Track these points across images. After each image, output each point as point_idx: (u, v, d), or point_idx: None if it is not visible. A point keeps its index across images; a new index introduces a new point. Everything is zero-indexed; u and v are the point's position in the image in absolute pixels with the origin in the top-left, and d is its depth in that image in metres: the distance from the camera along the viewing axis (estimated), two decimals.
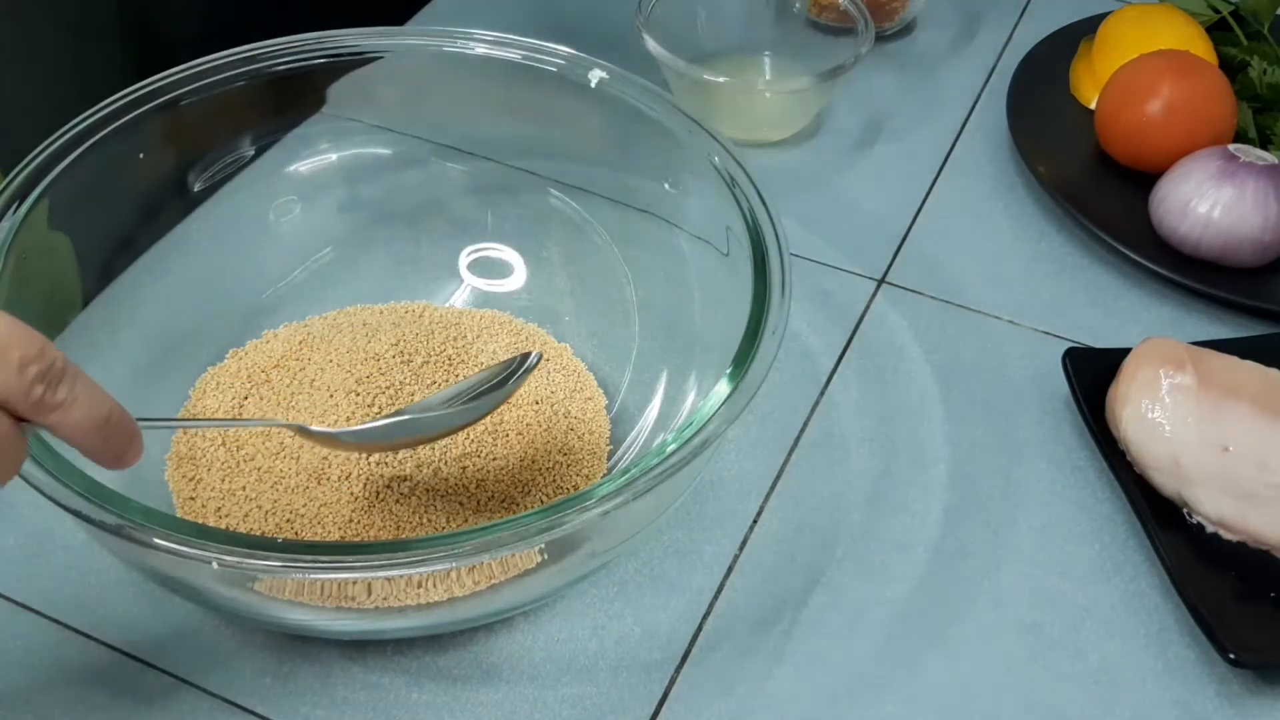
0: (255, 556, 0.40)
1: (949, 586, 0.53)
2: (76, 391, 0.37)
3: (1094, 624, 0.52)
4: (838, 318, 0.65)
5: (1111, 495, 0.56)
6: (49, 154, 0.52)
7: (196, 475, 0.53)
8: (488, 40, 0.61)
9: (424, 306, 0.61)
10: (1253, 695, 0.49)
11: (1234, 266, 0.66)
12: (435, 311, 0.61)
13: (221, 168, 0.62)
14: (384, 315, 0.61)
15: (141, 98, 0.55)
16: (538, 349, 0.58)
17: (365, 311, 0.61)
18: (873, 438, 0.59)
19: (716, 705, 0.48)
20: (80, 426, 0.38)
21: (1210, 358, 0.56)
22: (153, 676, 0.48)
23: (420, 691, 0.48)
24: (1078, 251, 0.69)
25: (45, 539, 0.52)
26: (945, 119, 0.79)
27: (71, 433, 0.38)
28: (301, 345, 0.58)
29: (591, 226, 0.64)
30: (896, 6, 0.85)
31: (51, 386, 0.36)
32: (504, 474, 0.53)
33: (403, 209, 0.66)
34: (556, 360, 0.59)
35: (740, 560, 0.53)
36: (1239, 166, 0.65)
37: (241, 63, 0.58)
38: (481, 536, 0.41)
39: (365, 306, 0.61)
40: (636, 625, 0.51)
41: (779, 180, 0.73)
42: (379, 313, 0.61)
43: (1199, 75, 0.70)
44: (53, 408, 0.37)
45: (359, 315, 0.61)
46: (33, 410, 0.36)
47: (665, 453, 0.43)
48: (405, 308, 0.61)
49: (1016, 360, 0.63)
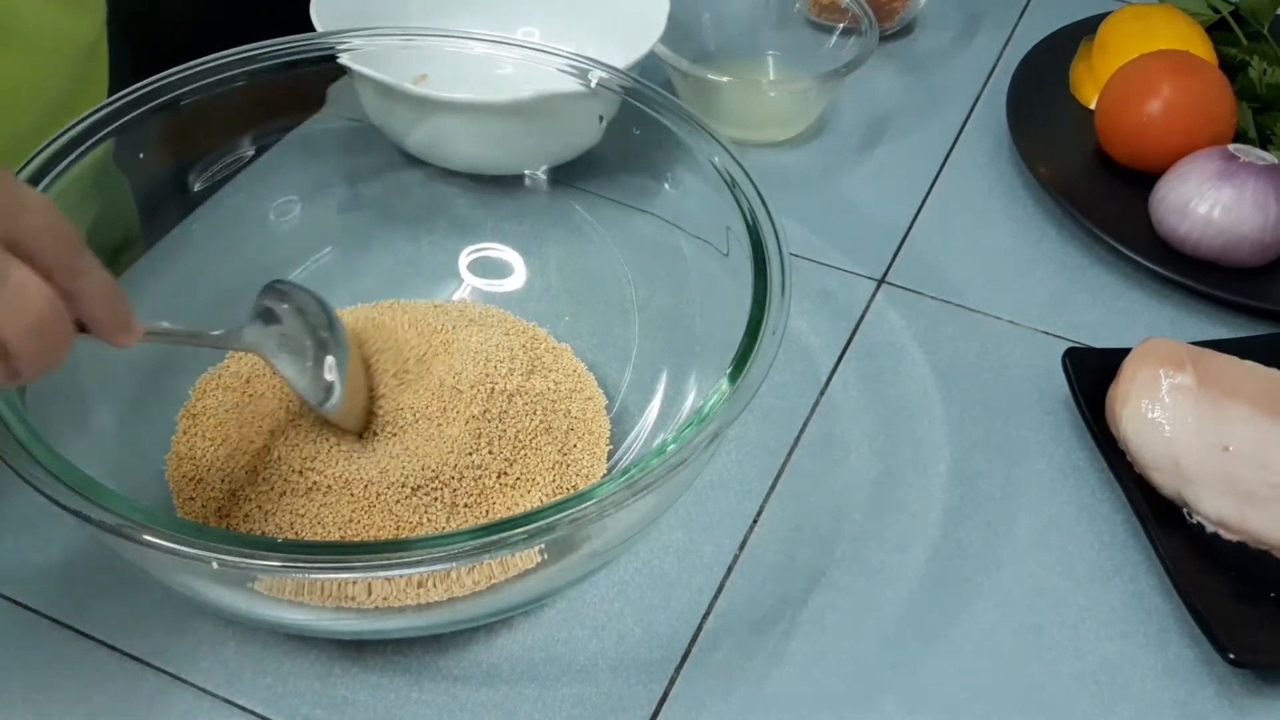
0: (255, 556, 0.40)
1: (949, 586, 0.53)
2: (90, 260, 0.39)
3: (1094, 624, 0.52)
4: (838, 318, 0.65)
5: (1111, 495, 0.56)
6: (49, 154, 0.52)
7: (197, 475, 0.53)
8: (488, 40, 0.62)
9: (427, 305, 0.61)
10: (1253, 695, 0.49)
11: (1234, 266, 0.66)
12: (432, 308, 0.61)
13: (221, 168, 0.62)
14: (382, 312, 0.60)
15: (141, 98, 0.55)
16: (539, 348, 0.58)
17: (365, 309, 0.61)
18: (873, 438, 0.59)
19: (716, 705, 0.48)
20: (97, 295, 0.39)
21: (1210, 358, 0.56)
22: (153, 676, 0.48)
23: (420, 691, 0.48)
24: (1078, 251, 0.70)
25: (45, 539, 0.52)
26: (945, 119, 0.79)
27: (90, 301, 0.39)
28: None
29: (591, 226, 0.64)
30: (896, 6, 0.85)
31: (76, 253, 0.38)
32: (504, 474, 0.53)
33: (403, 209, 0.67)
34: (556, 360, 0.59)
35: (740, 560, 0.53)
36: (1239, 166, 0.65)
37: (241, 63, 0.58)
38: (481, 537, 0.41)
39: (365, 305, 0.61)
40: (636, 625, 0.51)
41: (779, 180, 0.73)
42: (379, 310, 0.61)
43: (1199, 75, 0.70)
44: (78, 274, 0.38)
45: (359, 313, 0.61)
46: (67, 277, 0.38)
47: (665, 453, 0.43)
48: (403, 305, 0.61)
49: (1016, 360, 0.63)
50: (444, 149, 0.66)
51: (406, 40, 0.62)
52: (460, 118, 0.63)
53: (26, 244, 0.36)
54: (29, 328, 0.36)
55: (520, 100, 0.61)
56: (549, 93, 0.60)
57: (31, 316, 0.36)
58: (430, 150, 0.66)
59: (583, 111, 0.63)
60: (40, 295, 0.36)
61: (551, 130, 0.65)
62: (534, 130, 0.64)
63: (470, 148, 0.65)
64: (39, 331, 0.36)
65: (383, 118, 0.65)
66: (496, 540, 0.41)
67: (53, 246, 0.37)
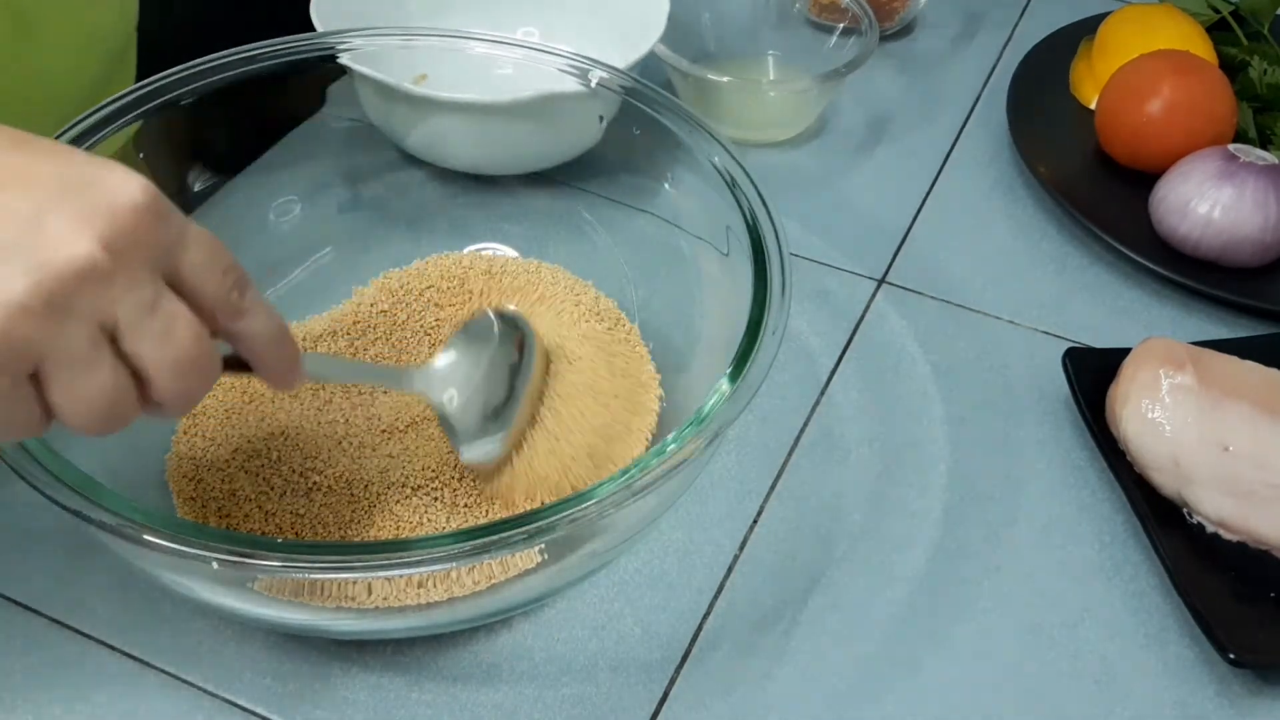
0: (255, 556, 0.40)
1: (949, 586, 0.53)
2: (257, 300, 0.38)
3: (1094, 624, 0.52)
4: (838, 318, 0.65)
5: (1111, 495, 0.56)
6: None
7: (197, 475, 0.52)
8: (488, 40, 0.62)
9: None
10: (1253, 695, 0.49)
11: (1234, 266, 0.66)
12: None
13: (221, 168, 0.62)
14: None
15: (141, 98, 0.55)
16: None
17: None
18: (873, 438, 0.59)
19: (716, 705, 0.48)
20: (262, 335, 0.39)
21: (1210, 358, 0.56)
22: (152, 676, 0.48)
23: (420, 691, 0.48)
24: (1078, 251, 0.70)
25: (45, 539, 0.52)
26: (945, 119, 0.79)
27: (254, 341, 0.39)
28: (304, 341, 0.58)
29: (591, 226, 0.64)
30: (896, 6, 0.85)
31: (241, 292, 0.37)
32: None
33: (403, 209, 0.67)
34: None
35: (740, 560, 0.53)
36: (1239, 166, 0.65)
37: (241, 63, 0.58)
38: (481, 537, 0.41)
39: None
40: (636, 625, 0.51)
41: (779, 180, 0.73)
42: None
43: (1199, 75, 0.70)
44: (242, 313, 0.38)
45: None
46: (229, 315, 0.37)
47: (665, 453, 0.43)
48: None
49: (1016, 360, 0.63)
50: (444, 149, 0.66)
51: (406, 40, 0.62)
52: (460, 118, 0.63)
53: (188, 279, 0.36)
54: (172, 361, 0.35)
55: (520, 100, 0.61)
56: (549, 93, 0.60)
57: (176, 350, 0.35)
58: (430, 150, 0.66)
59: (583, 111, 0.63)
60: (188, 331, 0.36)
61: (551, 130, 0.65)
62: (534, 130, 0.64)
63: (470, 148, 0.65)
64: (181, 366, 0.36)
65: (383, 118, 0.65)
66: (496, 540, 0.41)
67: (215, 282, 0.36)
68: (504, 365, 0.51)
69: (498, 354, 0.51)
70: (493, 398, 0.50)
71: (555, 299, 0.60)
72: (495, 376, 0.51)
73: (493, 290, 0.61)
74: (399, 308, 0.60)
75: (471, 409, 0.50)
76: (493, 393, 0.50)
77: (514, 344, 0.52)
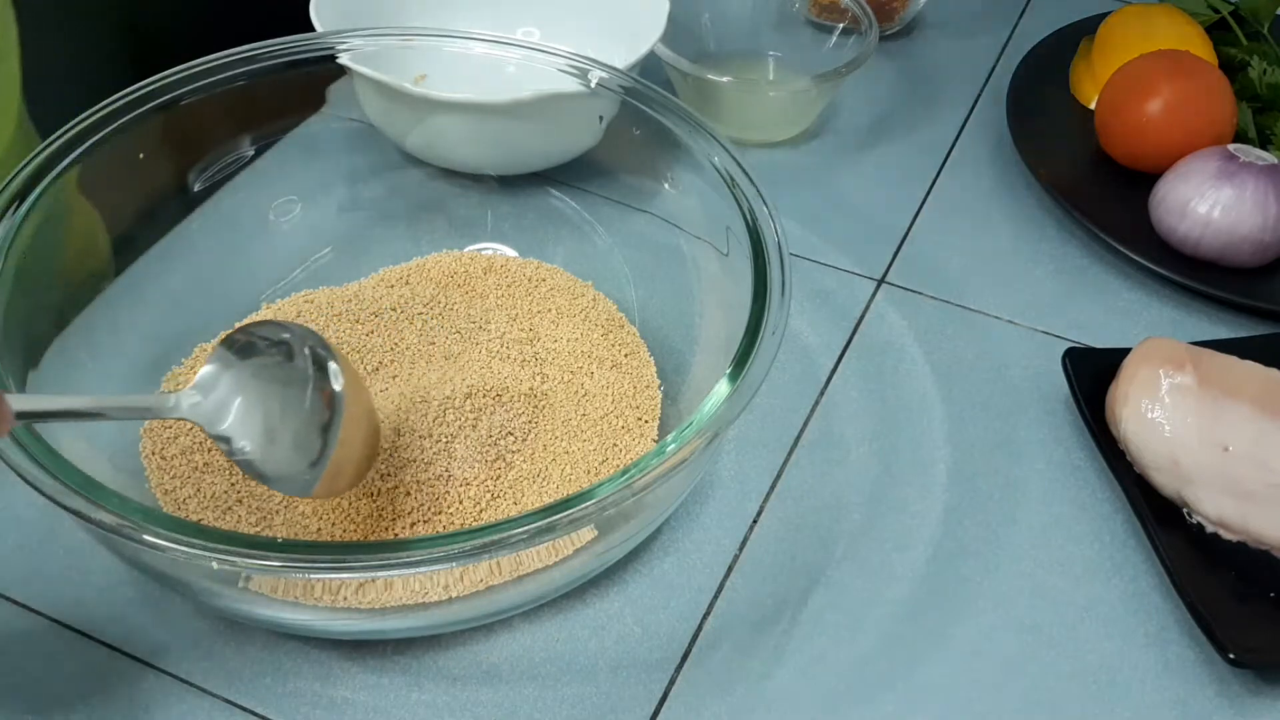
0: (255, 556, 0.40)
1: (949, 586, 0.53)
2: None
3: (1094, 624, 0.52)
4: (838, 318, 0.65)
5: (1111, 495, 0.56)
6: (49, 154, 0.52)
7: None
8: (488, 40, 0.62)
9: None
10: (1253, 695, 0.49)
11: (1234, 266, 0.66)
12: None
13: (221, 168, 0.62)
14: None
15: (141, 98, 0.55)
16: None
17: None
18: (873, 438, 0.59)
19: (716, 705, 0.48)
20: None
21: (1210, 358, 0.56)
22: (153, 676, 0.48)
23: (420, 691, 0.48)
24: (1078, 251, 0.70)
25: (45, 539, 0.52)
26: (945, 119, 0.79)
27: None
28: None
29: (591, 226, 0.64)
30: (896, 6, 0.85)
31: None
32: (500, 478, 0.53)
33: (402, 209, 0.67)
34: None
35: (740, 560, 0.53)
36: (1239, 166, 0.65)
37: (241, 63, 0.58)
38: (481, 537, 0.41)
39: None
40: (636, 625, 0.51)
41: (779, 180, 0.73)
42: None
43: (1199, 75, 0.70)
44: None
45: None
46: None
47: (665, 453, 0.43)
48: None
49: (1016, 360, 0.63)
50: (444, 149, 0.66)
51: (406, 40, 0.62)
52: (460, 118, 0.63)
53: None
54: None
55: (520, 100, 0.61)
56: (549, 93, 0.60)
57: None
58: (430, 150, 0.66)
59: (583, 111, 0.63)
60: None
61: (551, 130, 0.65)
62: (534, 130, 0.64)
63: (470, 148, 0.65)
64: None
65: (382, 118, 0.65)
66: (496, 540, 0.41)
67: None
68: (293, 390, 0.45)
69: (277, 376, 0.45)
70: (287, 420, 0.45)
71: (555, 299, 0.60)
72: (276, 397, 0.45)
73: (492, 290, 0.61)
74: (401, 301, 0.60)
75: (263, 438, 0.44)
76: (283, 414, 0.45)
77: (295, 362, 0.46)
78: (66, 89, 0.63)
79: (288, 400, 0.45)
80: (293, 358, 0.45)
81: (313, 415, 0.45)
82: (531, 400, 0.55)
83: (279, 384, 0.45)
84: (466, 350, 0.57)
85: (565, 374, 0.56)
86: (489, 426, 0.54)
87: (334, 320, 0.59)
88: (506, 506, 0.51)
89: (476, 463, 0.52)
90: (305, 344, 0.46)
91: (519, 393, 0.55)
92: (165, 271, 0.59)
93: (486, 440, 0.53)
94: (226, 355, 0.45)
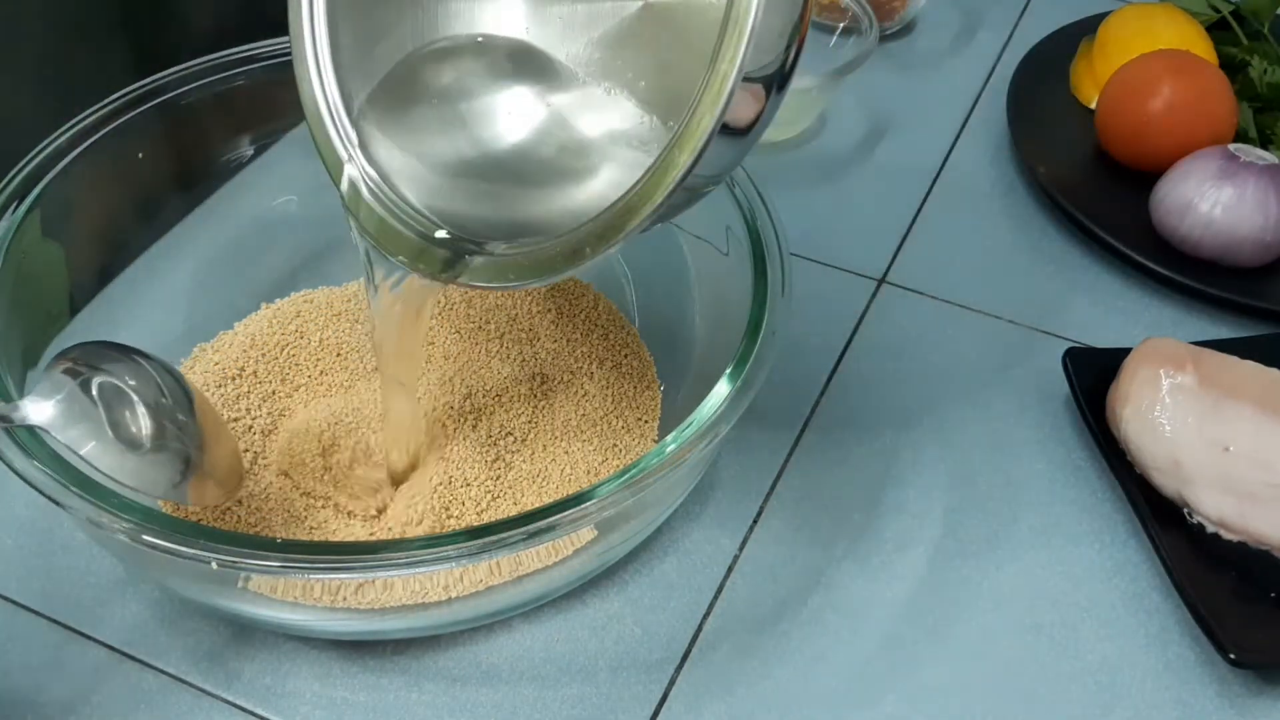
0: (254, 556, 0.40)
1: (949, 586, 0.53)
2: None
3: (1094, 624, 0.52)
4: (838, 318, 0.65)
5: (1111, 495, 0.56)
6: (49, 153, 0.52)
7: None
8: None
9: None
10: (1253, 695, 0.49)
11: (1234, 266, 0.66)
12: None
13: (221, 168, 0.62)
14: None
15: (141, 97, 0.55)
16: None
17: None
18: (873, 438, 0.59)
19: (716, 705, 0.48)
20: None
21: (1210, 358, 0.56)
22: (152, 676, 0.48)
23: (420, 691, 0.48)
24: (1078, 251, 0.69)
25: (45, 539, 0.52)
26: (945, 119, 0.79)
27: None
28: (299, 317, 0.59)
29: None
30: (896, 6, 0.85)
31: None
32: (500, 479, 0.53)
33: None
34: None
35: (740, 560, 0.53)
36: (1239, 166, 0.65)
37: (241, 63, 0.58)
38: (481, 537, 0.41)
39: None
40: (636, 625, 0.51)
41: (779, 180, 0.73)
42: None
43: (1199, 75, 0.70)
44: None
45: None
46: None
47: (665, 453, 0.43)
48: None
49: (1017, 360, 0.63)
50: None
51: None
52: None
53: None
54: None
55: None
56: None
57: None
58: None
59: None
60: None
61: None
62: None
63: None
64: None
65: None
66: (496, 540, 0.41)
67: None
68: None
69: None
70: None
71: (555, 299, 0.60)
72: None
73: (491, 290, 0.60)
74: None
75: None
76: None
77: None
78: (66, 89, 0.63)
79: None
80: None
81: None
82: (531, 400, 0.55)
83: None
84: (466, 350, 0.57)
85: (565, 374, 0.56)
86: (489, 427, 0.54)
87: (334, 320, 0.59)
88: (506, 507, 0.51)
89: (476, 463, 0.52)
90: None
91: (519, 393, 0.55)
92: (165, 272, 0.59)
93: (486, 440, 0.53)
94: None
